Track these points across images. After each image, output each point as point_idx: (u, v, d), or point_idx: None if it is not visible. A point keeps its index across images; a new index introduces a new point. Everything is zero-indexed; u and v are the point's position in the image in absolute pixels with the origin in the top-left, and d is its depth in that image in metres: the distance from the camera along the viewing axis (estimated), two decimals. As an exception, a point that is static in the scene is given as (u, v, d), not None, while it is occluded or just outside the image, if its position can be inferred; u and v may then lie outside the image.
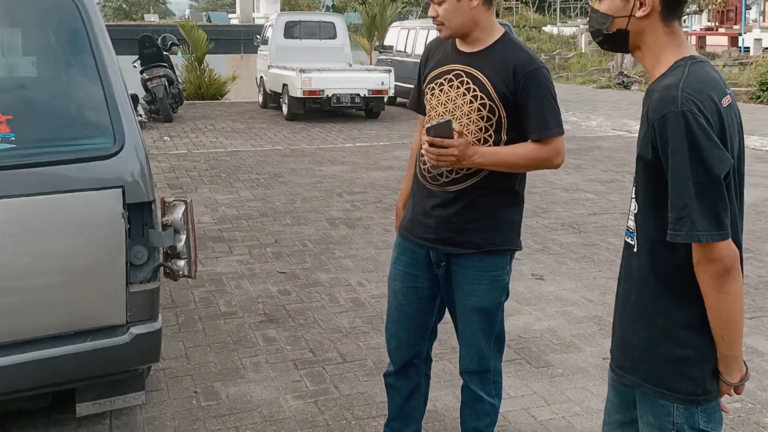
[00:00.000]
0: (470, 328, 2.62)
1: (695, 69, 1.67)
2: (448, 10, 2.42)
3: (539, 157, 2.44)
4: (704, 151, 1.58)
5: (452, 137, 2.31)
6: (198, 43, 16.75)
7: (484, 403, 2.71)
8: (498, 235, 2.54)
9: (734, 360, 1.72)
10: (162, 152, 10.17)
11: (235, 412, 3.38)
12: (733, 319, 1.66)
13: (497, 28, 2.50)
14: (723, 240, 1.60)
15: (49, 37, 3.11)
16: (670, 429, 1.74)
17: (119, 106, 2.78)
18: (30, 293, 2.62)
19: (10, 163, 2.60)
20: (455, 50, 2.52)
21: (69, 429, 3.20)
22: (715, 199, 1.59)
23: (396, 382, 2.82)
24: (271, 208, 7.12)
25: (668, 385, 1.73)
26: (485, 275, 2.54)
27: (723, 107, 1.65)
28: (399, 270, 2.69)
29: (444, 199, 2.52)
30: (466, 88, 2.46)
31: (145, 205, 2.76)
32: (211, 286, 5.00)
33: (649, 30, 1.73)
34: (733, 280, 1.63)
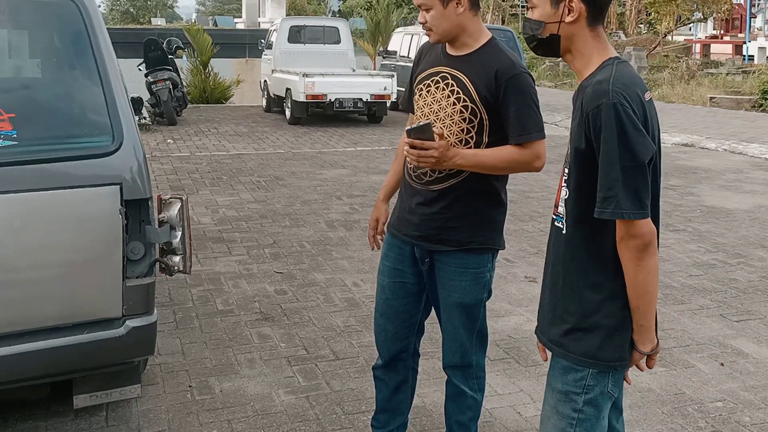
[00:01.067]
0: (452, 323, 2.70)
1: (621, 68, 1.86)
2: (435, 16, 2.50)
3: (519, 160, 2.51)
4: (632, 139, 1.76)
5: (433, 139, 2.39)
6: (203, 47, 16.87)
7: (466, 397, 2.78)
8: (479, 234, 2.62)
9: (647, 330, 1.91)
10: (165, 154, 10.27)
11: (228, 406, 3.46)
12: (649, 290, 1.85)
13: (484, 34, 2.58)
14: (644, 218, 1.79)
15: (52, 40, 3.20)
16: (578, 393, 1.92)
17: (118, 106, 2.86)
18: (30, 285, 2.70)
19: (11, 160, 2.68)
20: (444, 53, 2.61)
21: (66, 420, 3.29)
22: (638, 182, 1.77)
23: (384, 375, 2.90)
24: (271, 210, 7.21)
25: (592, 353, 1.92)
26: (467, 272, 2.62)
27: (645, 101, 1.84)
28: (387, 265, 2.78)
29: (427, 197, 2.60)
30: (450, 90, 2.53)
31: (142, 202, 2.84)
32: (209, 285, 5.09)
33: (577, 34, 1.91)
34: (650, 255, 1.82)
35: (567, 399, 1.94)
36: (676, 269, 5.62)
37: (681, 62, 25.93)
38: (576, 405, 1.93)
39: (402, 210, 2.71)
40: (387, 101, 13.79)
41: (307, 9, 57.61)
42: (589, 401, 1.92)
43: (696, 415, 3.46)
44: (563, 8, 1.89)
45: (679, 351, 4.15)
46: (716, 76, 22.28)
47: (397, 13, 24.58)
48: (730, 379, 3.84)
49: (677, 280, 5.37)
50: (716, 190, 8.65)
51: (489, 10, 37.29)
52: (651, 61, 26.88)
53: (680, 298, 5.02)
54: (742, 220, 7.25)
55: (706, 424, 3.37)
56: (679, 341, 4.29)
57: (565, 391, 1.94)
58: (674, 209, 7.57)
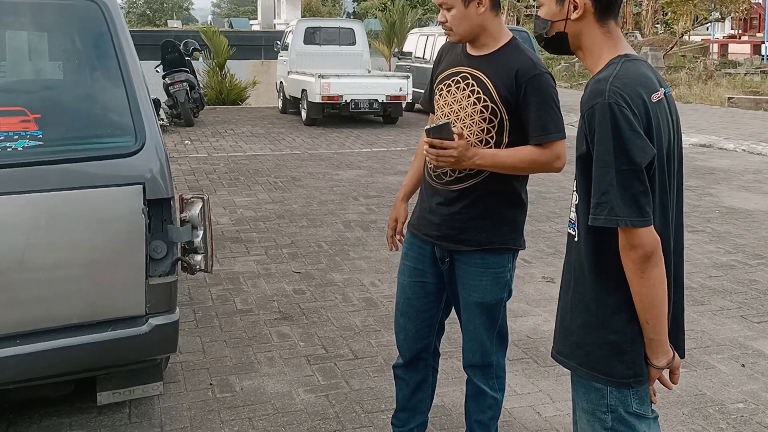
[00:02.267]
0: (473, 323, 2.70)
1: (627, 66, 1.76)
2: (456, 16, 2.50)
3: (539, 161, 2.51)
4: (627, 141, 1.66)
5: (452, 139, 2.40)
6: (219, 49, 16.97)
7: (487, 396, 2.79)
8: (499, 234, 2.62)
9: (659, 344, 1.79)
10: (183, 155, 10.35)
11: (248, 403, 3.49)
12: (656, 303, 1.73)
13: (505, 34, 2.58)
14: (644, 226, 1.68)
15: (75, 42, 3.24)
16: (604, 412, 1.82)
17: (141, 107, 2.89)
18: (55, 283, 2.74)
19: (37, 160, 2.72)
20: (464, 53, 2.61)
21: (90, 417, 3.33)
22: (636, 187, 1.67)
23: (404, 374, 2.90)
24: (288, 211, 7.24)
25: (602, 369, 1.81)
26: (487, 272, 2.62)
27: (652, 102, 1.73)
28: (407, 265, 2.79)
29: (447, 197, 2.61)
30: (470, 90, 2.54)
31: (164, 202, 2.87)
32: (228, 284, 5.13)
33: (585, 31, 1.83)
34: (653, 266, 1.70)
35: (595, 418, 1.85)
36: (695, 270, 5.60)
37: (698, 62, 25.77)
38: (605, 424, 1.83)
39: (422, 210, 2.72)
40: (402, 102, 13.80)
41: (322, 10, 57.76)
42: (618, 419, 1.82)
43: (717, 416, 3.45)
44: (568, 5, 1.83)
45: (699, 352, 4.13)
46: (734, 76, 22.12)
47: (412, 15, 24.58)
48: (751, 380, 3.82)
49: (696, 281, 5.35)
50: (735, 191, 8.60)
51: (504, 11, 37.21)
52: (668, 61, 26.72)
53: (700, 299, 4.99)
54: (761, 221, 7.20)
55: (728, 425, 3.36)
56: (699, 342, 4.27)
57: (591, 410, 1.85)
58: (692, 210, 7.53)
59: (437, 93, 2.67)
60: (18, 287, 2.68)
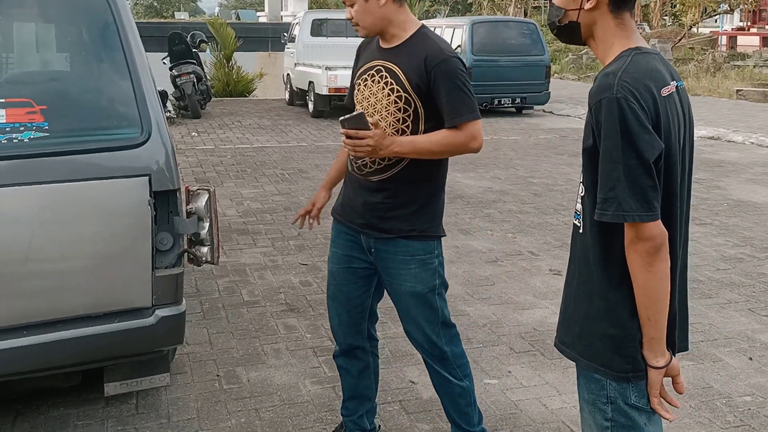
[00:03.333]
0: (410, 314, 2.72)
1: (638, 59, 1.74)
2: (358, 11, 2.55)
3: (455, 143, 2.53)
4: (635, 136, 1.64)
5: (368, 128, 2.44)
6: (226, 41, 16.95)
7: (453, 386, 2.80)
8: (421, 221, 2.64)
9: (658, 343, 1.76)
10: (190, 147, 10.35)
11: (255, 395, 3.50)
12: (660, 298, 1.72)
13: (412, 24, 2.62)
14: (652, 220, 1.67)
15: (81, 33, 3.24)
16: (604, 403, 1.83)
17: (147, 98, 2.89)
18: (62, 275, 2.74)
19: (43, 151, 2.72)
20: (378, 47, 2.66)
21: (97, 407, 3.34)
22: (644, 182, 1.65)
23: (345, 364, 2.95)
24: (295, 203, 7.24)
25: (602, 361, 1.81)
26: (413, 259, 2.64)
27: (661, 97, 1.71)
28: (335, 252, 2.83)
29: (369, 188, 2.65)
30: (384, 82, 2.58)
31: (170, 193, 2.86)
32: (235, 276, 5.13)
33: (599, 21, 1.80)
34: (661, 260, 1.69)
35: (596, 409, 1.85)
36: (703, 263, 5.57)
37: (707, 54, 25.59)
38: (606, 414, 1.83)
39: (346, 198, 2.77)
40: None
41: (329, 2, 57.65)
42: (617, 411, 1.82)
43: (724, 409, 3.43)
44: None
45: (707, 345, 4.11)
46: (743, 68, 21.97)
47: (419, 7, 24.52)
48: (759, 373, 3.80)
49: (704, 274, 5.33)
50: (743, 184, 8.55)
51: (512, 3, 37.04)
52: (676, 53, 26.57)
53: (707, 292, 4.97)
54: (770, 213, 7.16)
55: (735, 418, 3.35)
56: (707, 335, 4.26)
57: (592, 401, 1.86)
58: (700, 203, 7.49)
59: (356, 88, 2.72)
60: (25, 278, 2.69)
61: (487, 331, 4.29)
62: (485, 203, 7.45)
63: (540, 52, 14.80)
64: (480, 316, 4.52)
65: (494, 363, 3.88)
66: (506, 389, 3.60)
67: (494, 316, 4.51)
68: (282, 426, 3.24)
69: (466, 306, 4.67)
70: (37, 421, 3.24)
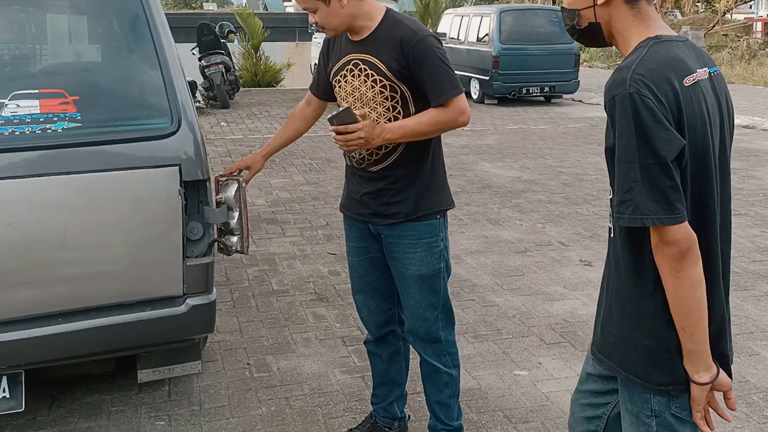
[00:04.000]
0: (413, 298, 2.71)
1: (656, 49, 1.62)
2: (322, 15, 2.52)
3: (444, 120, 2.52)
4: (650, 133, 1.54)
5: (356, 121, 2.43)
6: (254, 31, 16.97)
7: (441, 374, 2.80)
8: (425, 200, 2.64)
9: (698, 356, 1.63)
10: (219, 137, 10.41)
11: (285, 383, 3.51)
12: (693, 308, 1.59)
13: (377, 10, 2.58)
14: (675, 223, 1.55)
15: (112, 24, 3.26)
16: (648, 416, 1.72)
17: (176, 88, 2.90)
18: (94, 263, 2.77)
19: (76, 141, 2.75)
20: (348, 40, 2.63)
21: (131, 394, 3.38)
22: (663, 182, 1.54)
23: (376, 349, 2.96)
24: (323, 192, 7.25)
25: (639, 373, 1.70)
26: (419, 243, 2.64)
27: (684, 86, 1.59)
28: (351, 246, 2.86)
29: (371, 177, 2.66)
30: (365, 75, 2.56)
31: (200, 183, 2.88)
32: (264, 265, 5.16)
33: (615, 16, 1.69)
34: (690, 265, 1.57)
35: (639, 421, 1.73)
36: (738, 254, 5.48)
37: (741, 41, 25.14)
38: (650, 428, 1.72)
39: (350, 192, 2.79)
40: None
41: (356, -8, 57.42)
42: (662, 425, 1.71)
43: (761, 403, 3.38)
44: None
45: (743, 338, 4.05)
46: (778, 55, 21.55)
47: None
48: (795, 365, 3.74)
49: (740, 265, 5.24)
50: (779, 173, 8.39)
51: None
52: (709, 40, 26.12)
53: (743, 284, 4.89)
54: (806, 203, 7.02)
55: (754, 423, 3.29)
56: (743, 328, 4.19)
57: (636, 412, 1.74)
58: (736, 193, 7.36)
59: (336, 85, 2.70)
60: (59, 266, 2.72)
61: (517, 322, 4.26)
62: (514, 193, 7.40)
63: (569, 41, 14.58)
64: (509, 306, 4.49)
65: (524, 354, 3.85)
66: (537, 381, 3.58)
67: (524, 307, 4.48)
68: (312, 415, 3.25)
69: (495, 296, 4.64)
70: (72, 406, 3.29)
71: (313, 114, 2.96)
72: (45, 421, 3.18)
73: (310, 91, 2.94)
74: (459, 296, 4.58)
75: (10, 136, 2.68)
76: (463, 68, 14.54)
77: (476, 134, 10.95)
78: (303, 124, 2.99)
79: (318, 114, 2.97)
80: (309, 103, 2.96)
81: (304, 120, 2.98)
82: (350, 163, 2.73)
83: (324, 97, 2.88)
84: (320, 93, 2.88)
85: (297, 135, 3.02)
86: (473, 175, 8.17)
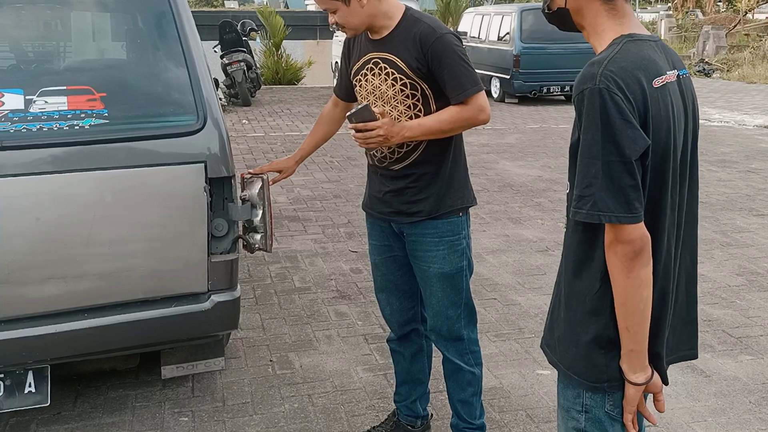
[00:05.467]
0: (436, 296, 2.70)
1: (628, 47, 1.61)
2: (342, 16, 2.51)
3: (463, 117, 2.52)
4: (617, 131, 1.52)
5: (375, 119, 2.43)
6: (276, 29, 17.03)
7: (464, 372, 2.79)
8: (447, 197, 2.63)
9: (638, 356, 1.63)
10: (240, 134, 10.46)
11: (308, 381, 3.52)
12: (640, 307, 1.58)
13: (397, 9, 2.58)
14: (632, 223, 1.54)
15: (138, 22, 3.28)
16: (578, 411, 1.72)
17: (202, 85, 2.91)
18: (120, 259, 2.79)
19: (103, 137, 2.77)
20: (368, 39, 2.63)
21: (155, 389, 3.41)
22: (624, 180, 1.53)
23: (399, 347, 2.96)
24: (345, 190, 7.26)
25: (576, 369, 1.70)
26: (442, 241, 2.64)
27: (652, 88, 1.58)
28: (374, 244, 2.85)
29: (392, 176, 2.65)
30: (386, 74, 2.56)
31: (225, 180, 2.89)
32: (286, 262, 5.17)
33: (586, 8, 1.67)
34: (642, 266, 1.56)
35: (569, 416, 1.74)
36: (760, 255, 5.42)
37: (763, 41, 24.82)
38: (578, 424, 1.72)
39: (372, 190, 2.78)
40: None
41: (376, -10, 57.44)
42: (591, 420, 1.70)
43: (786, 404, 3.34)
44: None
45: (765, 341, 4.00)
46: (802, 54, 21.28)
47: (468, -7, 24.26)
48: (822, 368, 3.69)
49: (762, 266, 5.18)
50: (804, 173, 8.29)
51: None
52: (731, 40, 25.82)
53: (766, 285, 4.84)
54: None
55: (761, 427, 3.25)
56: (766, 329, 4.14)
57: (567, 407, 1.75)
58: (758, 193, 7.29)
59: (356, 85, 2.70)
60: (86, 261, 2.74)
61: (538, 321, 4.24)
62: (535, 192, 7.36)
63: (591, 39, 14.51)
64: (531, 306, 4.47)
65: (547, 353, 3.83)
66: (559, 380, 3.56)
67: (546, 306, 4.44)
68: (335, 412, 3.26)
69: (517, 296, 4.63)
70: (96, 401, 3.32)
71: (340, 115, 2.97)
72: (70, 415, 3.21)
73: (335, 93, 2.95)
74: (481, 295, 4.57)
75: (38, 132, 2.70)
76: (483, 67, 14.50)
77: (497, 133, 10.91)
78: (331, 126, 3.00)
79: (345, 115, 2.98)
80: (335, 105, 2.96)
81: (331, 122, 2.99)
82: (372, 161, 2.73)
83: (347, 98, 2.89)
84: (343, 94, 2.89)
85: (326, 137, 3.02)
86: (494, 174, 8.14)
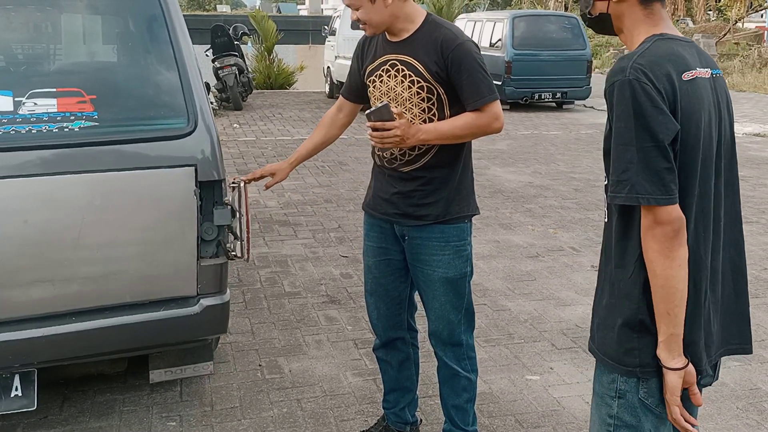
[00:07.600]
0: (438, 301, 2.71)
1: (659, 44, 1.69)
2: (366, 13, 2.53)
3: (478, 124, 2.53)
4: (649, 117, 1.59)
5: (393, 119, 2.43)
6: (268, 34, 17.03)
7: (460, 378, 2.80)
8: (455, 203, 2.64)
9: (676, 340, 1.66)
10: (231, 139, 10.44)
11: (297, 385, 3.51)
12: (680, 288, 1.62)
13: (419, 14, 2.60)
14: (669, 204, 1.59)
15: (129, 25, 3.28)
16: (612, 397, 1.75)
17: (193, 89, 2.91)
18: (109, 262, 2.78)
19: (92, 140, 2.76)
20: (386, 41, 2.64)
21: (143, 394, 3.39)
22: (659, 164, 1.59)
23: (386, 356, 2.96)
24: (335, 195, 7.26)
25: (610, 353, 1.75)
26: (448, 245, 2.64)
27: (682, 80, 1.65)
28: (370, 246, 2.83)
29: (401, 177, 2.65)
30: (402, 76, 2.57)
31: (215, 183, 2.88)
32: (276, 267, 5.16)
33: (627, 13, 1.75)
34: (679, 245, 1.61)
35: (603, 403, 1.78)
36: (749, 262, 5.41)
37: (752, 50, 25.00)
38: (611, 410, 1.76)
39: (377, 191, 2.77)
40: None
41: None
42: (624, 407, 1.74)
43: (773, 410, 3.36)
44: None
45: (755, 346, 3.97)
46: (791, 63, 21.45)
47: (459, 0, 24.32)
48: (808, 375, 3.71)
49: (750, 273, 5.21)
50: (792, 181, 8.34)
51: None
52: (720, 48, 26.01)
53: (754, 291, 4.86)
54: (820, 212, 6.97)
55: (783, 420, 3.27)
56: (754, 336, 4.14)
57: (601, 393, 1.79)
58: (747, 201, 7.32)
59: (370, 85, 2.70)
60: (74, 265, 2.73)
61: (528, 326, 4.25)
62: (526, 198, 7.38)
63: (581, 47, 14.60)
64: (521, 311, 4.48)
65: (536, 359, 3.84)
66: (548, 386, 3.57)
67: (535, 312, 4.47)
68: (324, 417, 3.25)
69: (507, 301, 4.63)
70: (83, 405, 3.30)
71: (344, 120, 2.93)
72: (56, 420, 3.19)
73: (342, 96, 2.92)
74: (470, 301, 4.57)
75: (27, 134, 2.69)
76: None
77: (488, 139, 10.93)
78: (333, 130, 2.94)
79: (349, 120, 2.95)
80: (340, 109, 2.93)
81: (333, 126, 2.94)
82: (380, 162, 2.71)
83: (355, 99, 2.87)
84: (352, 95, 2.87)
85: (326, 141, 2.96)
86: (485, 179, 8.16)
